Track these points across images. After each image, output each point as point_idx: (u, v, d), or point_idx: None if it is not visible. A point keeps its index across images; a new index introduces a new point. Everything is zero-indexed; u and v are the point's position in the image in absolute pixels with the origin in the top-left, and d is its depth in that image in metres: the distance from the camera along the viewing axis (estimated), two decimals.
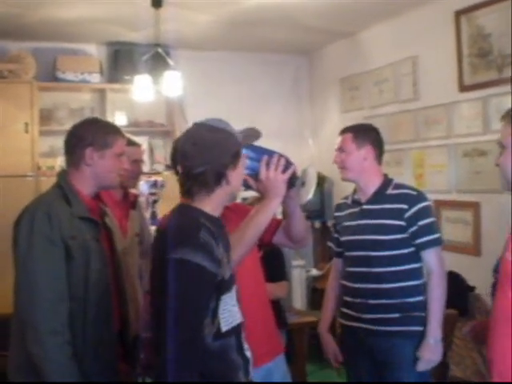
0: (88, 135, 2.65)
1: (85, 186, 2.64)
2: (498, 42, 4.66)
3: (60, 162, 5.71)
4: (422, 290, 3.09)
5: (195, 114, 2.26)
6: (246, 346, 2.24)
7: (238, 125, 2.31)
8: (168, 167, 6.29)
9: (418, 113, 5.49)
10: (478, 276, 4.38)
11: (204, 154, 2.14)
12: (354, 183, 3.26)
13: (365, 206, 3.20)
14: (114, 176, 2.71)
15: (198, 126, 2.21)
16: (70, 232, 2.49)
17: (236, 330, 2.19)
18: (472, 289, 4.47)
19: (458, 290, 4.28)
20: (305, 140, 7.14)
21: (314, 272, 6.61)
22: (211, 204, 2.18)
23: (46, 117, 6.01)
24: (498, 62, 4.68)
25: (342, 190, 6.92)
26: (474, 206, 4.87)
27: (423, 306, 3.03)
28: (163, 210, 4.70)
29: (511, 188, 2.18)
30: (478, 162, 4.86)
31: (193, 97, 6.24)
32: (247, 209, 2.79)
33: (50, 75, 6.01)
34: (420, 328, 3.00)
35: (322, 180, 6.77)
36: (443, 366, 3.51)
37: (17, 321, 2.50)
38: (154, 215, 4.96)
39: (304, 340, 4.65)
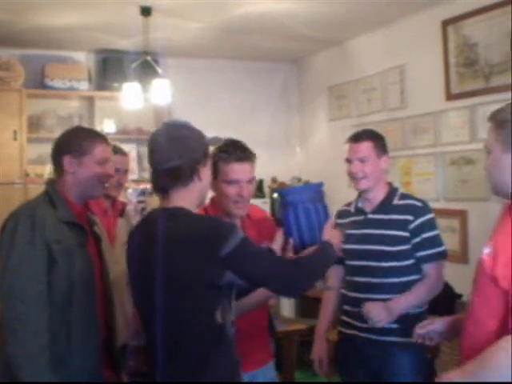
0: (65, 143, 2.66)
1: (70, 193, 2.63)
2: (485, 52, 4.71)
3: (48, 169, 5.69)
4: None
5: None
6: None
7: (226, 132, 2.36)
8: None
9: (406, 121, 5.52)
10: (465, 283, 4.33)
11: (178, 149, 2.22)
12: (362, 192, 3.18)
13: (370, 216, 3.14)
14: (95, 183, 2.65)
15: (168, 124, 2.32)
16: (55, 236, 2.48)
17: None
18: (459, 296, 4.49)
19: (446, 297, 4.29)
20: (293, 148, 7.16)
21: None
22: (187, 202, 2.23)
23: (34, 124, 6.00)
24: (484, 71, 4.72)
25: (329, 199, 6.94)
26: (461, 214, 4.90)
27: (423, 318, 2.85)
28: None
29: (496, 193, 2.17)
30: (465, 171, 4.89)
31: (181, 104, 6.24)
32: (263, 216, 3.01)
33: (38, 83, 6.01)
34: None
35: None
36: (431, 373, 3.51)
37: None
38: None
39: (293, 348, 4.64)
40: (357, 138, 3.14)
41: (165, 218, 2.22)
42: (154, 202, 5.15)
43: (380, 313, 2.87)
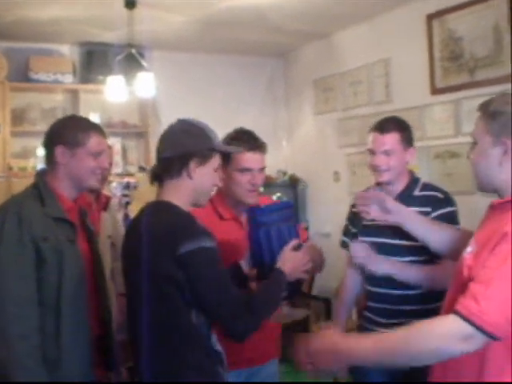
0: (58, 133, 2.57)
1: (61, 186, 2.56)
2: (470, 46, 4.72)
3: (32, 163, 5.66)
4: (443, 296, 2.95)
5: (169, 115, 2.30)
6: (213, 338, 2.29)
7: (212, 125, 2.36)
8: (141, 168, 6.26)
9: (391, 115, 5.52)
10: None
11: (172, 140, 2.29)
12: (382, 183, 3.00)
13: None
14: (88, 176, 2.57)
15: (180, 120, 2.35)
16: (42, 233, 2.42)
17: None
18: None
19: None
20: (279, 142, 7.15)
21: None
22: (179, 198, 2.26)
23: (18, 117, 5.96)
24: (469, 65, 4.73)
25: (316, 192, 6.97)
26: None
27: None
28: (135, 211, 4.67)
29: (481, 188, 2.12)
30: (449, 164, 4.91)
31: (166, 98, 6.22)
32: None
33: (22, 75, 5.96)
34: None
35: (295, 182, 6.80)
36: None
37: None
38: (126, 217, 4.92)
39: None
40: (383, 127, 2.95)
41: (149, 211, 2.27)
42: (139, 195, 5.14)
43: (379, 266, 2.84)
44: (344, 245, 3.23)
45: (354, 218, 3.16)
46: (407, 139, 2.96)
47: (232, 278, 2.34)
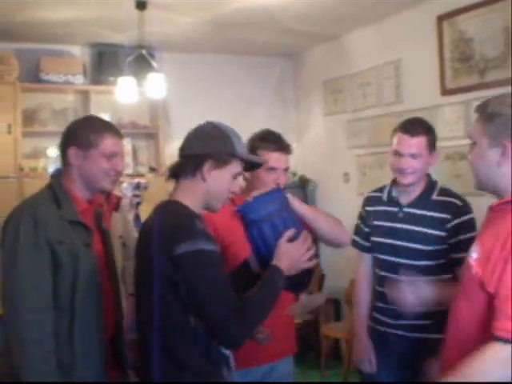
0: (71, 134, 2.54)
1: (75, 187, 2.53)
2: (480, 47, 4.71)
3: (43, 163, 5.69)
4: None
5: (179, 116, 2.30)
6: None
7: None
8: (151, 169, 6.28)
9: (401, 116, 5.48)
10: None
11: (194, 140, 2.28)
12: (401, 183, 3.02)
13: (406, 209, 2.98)
14: (102, 178, 2.53)
15: (208, 122, 2.34)
16: (58, 236, 2.39)
17: None
18: None
19: None
20: (289, 143, 7.12)
21: None
22: (191, 199, 2.24)
23: (29, 118, 5.98)
24: (479, 67, 4.73)
25: (326, 193, 6.97)
26: None
27: None
28: (146, 212, 4.69)
29: (480, 188, 2.15)
30: (459, 165, 4.90)
31: (176, 99, 6.24)
32: None
33: (33, 76, 5.99)
34: None
35: (305, 183, 6.80)
36: None
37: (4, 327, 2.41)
38: (137, 217, 4.95)
39: None
40: (411, 130, 2.95)
41: (158, 212, 2.25)
42: (149, 196, 5.16)
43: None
44: (355, 244, 3.23)
45: (367, 216, 3.16)
46: (433, 143, 2.98)
47: (241, 277, 2.35)
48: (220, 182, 2.25)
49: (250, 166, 2.42)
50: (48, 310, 2.36)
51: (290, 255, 2.27)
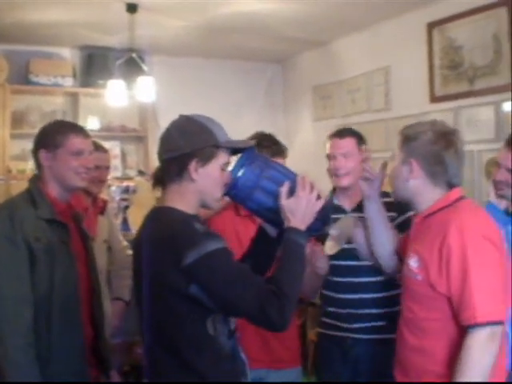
0: (40, 137, 2.67)
1: (51, 188, 2.62)
2: (469, 55, 4.73)
3: (31, 165, 5.66)
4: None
5: (168, 120, 2.23)
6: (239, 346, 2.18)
7: None
8: (140, 172, 6.26)
9: (390, 123, 5.53)
10: None
11: (169, 141, 2.12)
12: (340, 188, 3.13)
13: (351, 214, 3.02)
14: (72, 175, 2.61)
15: (181, 117, 2.19)
16: (34, 234, 2.47)
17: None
18: None
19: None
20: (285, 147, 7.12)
21: None
22: (184, 203, 2.09)
23: (17, 120, 5.95)
24: (468, 74, 4.74)
25: None
26: None
27: None
28: (134, 215, 4.68)
29: (395, 197, 2.56)
30: None
31: (166, 102, 6.22)
32: None
33: (22, 78, 5.96)
34: None
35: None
36: None
37: None
38: (125, 221, 4.93)
39: None
40: (339, 134, 3.11)
41: (150, 218, 2.14)
42: (138, 200, 5.14)
43: None
44: None
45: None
46: (361, 142, 3.13)
47: (261, 245, 2.27)
48: (210, 179, 2.10)
49: (236, 150, 2.22)
50: (26, 303, 2.42)
51: (297, 208, 2.11)
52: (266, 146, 2.83)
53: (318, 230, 2.26)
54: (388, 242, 2.71)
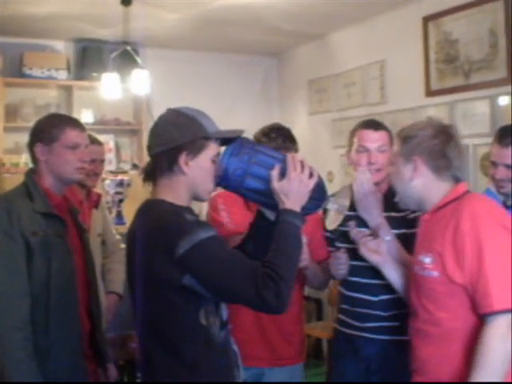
0: (36, 131, 2.66)
1: (47, 182, 2.62)
2: (465, 48, 4.72)
3: (25, 158, 5.64)
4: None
5: (162, 113, 2.22)
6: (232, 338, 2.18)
7: None
8: (134, 166, 6.25)
9: (385, 116, 5.51)
10: None
11: (159, 135, 2.12)
12: None
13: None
14: (68, 169, 2.62)
15: (169, 110, 2.18)
16: (31, 228, 2.47)
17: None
18: None
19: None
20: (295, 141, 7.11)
21: None
22: (175, 196, 2.09)
23: (11, 113, 5.94)
24: (464, 68, 4.73)
25: None
26: None
27: None
28: (129, 209, 4.67)
29: (404, 205, 2.47)
30: None
31: (160, 95, 6.20)
32: None
33: (16, 71, 5.94)
34: None
35: None
36: None
37: None
38: (119, 214, 4.92)
39: None
40: (373, 125, 2.96)
41: (142, 210, 2.14)
42: (132, 193, 5.13)
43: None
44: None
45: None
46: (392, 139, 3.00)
47: (261, 229, 2.25)
48: (201, 171, 2.09)
49: (226, 140, 2.18)
50: (24, 297, 2.43)
51: (289, 189, 2.08)
52: (272, 138, 2.79)
53: (315, 208, 2.24)
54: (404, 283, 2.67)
